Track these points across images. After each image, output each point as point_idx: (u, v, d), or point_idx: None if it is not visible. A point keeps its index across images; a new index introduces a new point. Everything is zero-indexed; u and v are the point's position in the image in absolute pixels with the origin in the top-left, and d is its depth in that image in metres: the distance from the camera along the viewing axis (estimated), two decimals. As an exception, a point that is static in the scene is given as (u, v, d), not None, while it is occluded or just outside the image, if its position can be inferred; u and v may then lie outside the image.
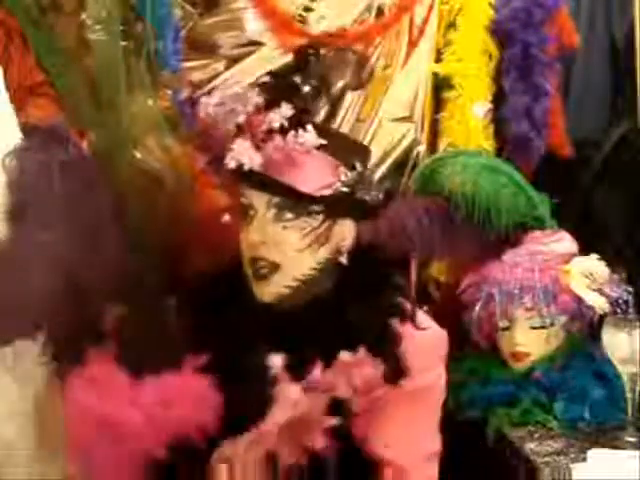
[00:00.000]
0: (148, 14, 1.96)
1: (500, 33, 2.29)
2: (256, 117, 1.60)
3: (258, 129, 1.59)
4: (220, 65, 2.24)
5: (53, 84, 1.81)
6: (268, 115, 1.58)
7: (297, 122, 1.57)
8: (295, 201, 1.57)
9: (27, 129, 1.69)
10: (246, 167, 1.56)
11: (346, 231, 1.64)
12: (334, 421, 1.55)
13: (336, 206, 1.60)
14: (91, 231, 1.60)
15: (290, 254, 1.58)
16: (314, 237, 1.59)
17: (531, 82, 2.25)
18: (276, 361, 1.55)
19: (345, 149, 1.65)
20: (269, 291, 1.58)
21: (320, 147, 1.58)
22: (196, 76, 2.20)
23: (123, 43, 1.86)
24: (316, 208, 1.59)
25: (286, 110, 1.57)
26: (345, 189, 1.60)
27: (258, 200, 1.59)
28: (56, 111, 1.79)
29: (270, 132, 1.58)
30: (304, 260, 1.59)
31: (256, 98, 1.61)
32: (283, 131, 1.57)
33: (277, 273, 1.58)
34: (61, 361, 1.65)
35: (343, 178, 1.60)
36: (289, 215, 1.58)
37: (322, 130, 1.60)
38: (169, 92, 1.99)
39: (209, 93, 2.18)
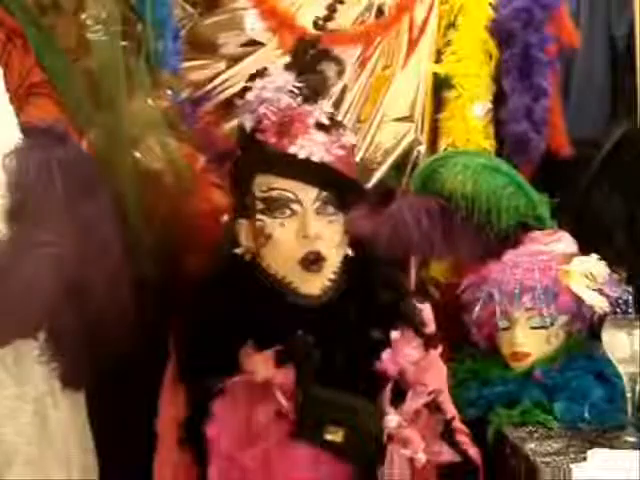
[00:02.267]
0: (148, 14, 1.96)
1: (500, 33, 2.29)
2: (298, 111, 1.62)
3: (301, 123, 1.61)
4: (220, 65, 2.24)
5: (53, 84, 1.81)
6: (309, 110, 1.62)
7: (337, 120, 1.67)
8: (351, 196, 1.65)
9: (27, 129, 1.69)
10: (315, 159, 1.59)
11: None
12: None
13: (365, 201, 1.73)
14: (91, 231, 1.60)
15: (332, 247, 1.63)
16: (344, 232, 1.66)
17: (531, 82, 2.25)
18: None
19: None
20: (319, 283, 1.62)
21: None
22: (196, 76, 2.20)
23: (123, 43, 1.86)
24: (342, 204, 1.65)
25: (327, 107, 1.64)
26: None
27: (306, 195, 1.61)
28: (56, 111, 1.79)
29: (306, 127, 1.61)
30: (339, 254, 1.65)
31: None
32: (322, 128, 1.62)
33: (325, 266, 1.62)
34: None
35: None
36: (331, 210, 1.63)
37: None
38: (169, 92, 1.99)
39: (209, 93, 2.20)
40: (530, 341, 1.94)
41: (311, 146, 1.59)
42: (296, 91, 1.63)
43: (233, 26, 2.25)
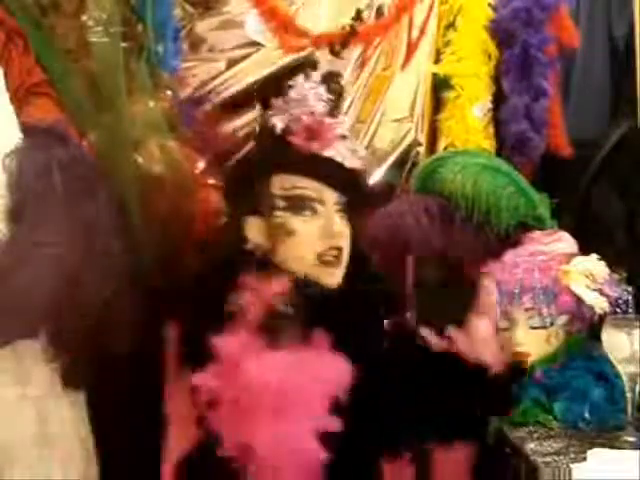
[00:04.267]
0: (148, 15, 1.96)
1: (500, 33, 2.30)
2: (323, 122, 1.72)
3: (331, 131, 1.72)
4: (220, 65, 2.24)
5: (53, 84, 1.81)
6: (335, 121, 1.74)
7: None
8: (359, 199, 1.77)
9: (27, 129, 1.69)
10: (347, 164, 1.74)
11: None
12: None
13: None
14: (90, 231, 1.61)
15: (347, 244, 1.75)
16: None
17: (531, 82, 2.26)
18: None
19: None
20: (338, 276, 1.73)
21: None
22: (196, 76, 2.20)
23: (123, 44, 1.86)
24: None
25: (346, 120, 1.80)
26: None
27: (329, 196, 1.72)
28: (56, 111, 1.79)
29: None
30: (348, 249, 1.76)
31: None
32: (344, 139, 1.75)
33: (342, 260, 1.74)
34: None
35: None
36: (343, 209, 1.75)
37: None
38: (169, 93, 1.99)
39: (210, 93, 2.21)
40: (530, 341, 1.94)
41: (344, 152, 1.73)
42: (325, 100, 1.73)
43: (233, 27, 2.25)
